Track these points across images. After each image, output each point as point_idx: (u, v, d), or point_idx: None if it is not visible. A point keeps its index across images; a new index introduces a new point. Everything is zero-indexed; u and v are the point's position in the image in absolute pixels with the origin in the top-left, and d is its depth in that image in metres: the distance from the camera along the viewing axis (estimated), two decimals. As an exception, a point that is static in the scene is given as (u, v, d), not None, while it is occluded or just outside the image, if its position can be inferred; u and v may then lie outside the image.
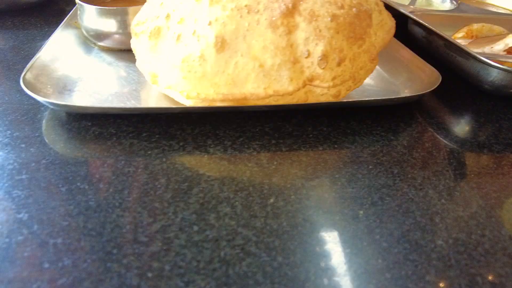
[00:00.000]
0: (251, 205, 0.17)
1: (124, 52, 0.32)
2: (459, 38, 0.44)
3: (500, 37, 0.39)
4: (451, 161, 0.22)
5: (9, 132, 0.22)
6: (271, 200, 0.18)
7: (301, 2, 0.21)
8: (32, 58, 0.26)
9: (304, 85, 0.22)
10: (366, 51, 0.23)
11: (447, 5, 0.48)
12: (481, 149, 0.23)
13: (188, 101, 0.22)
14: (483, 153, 0.23)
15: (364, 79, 0.24)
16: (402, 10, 0.40)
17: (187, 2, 0.22)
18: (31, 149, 0.20)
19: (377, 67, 0.30)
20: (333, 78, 0.22)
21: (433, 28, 0.34)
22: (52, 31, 0.32)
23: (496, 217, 0.18)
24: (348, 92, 0.24)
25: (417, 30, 0.39)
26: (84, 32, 0.33)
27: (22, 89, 0.22)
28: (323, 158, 0.21)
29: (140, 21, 0.23)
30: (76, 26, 0.34)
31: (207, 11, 0.21)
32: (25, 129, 0.22)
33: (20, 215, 0.16)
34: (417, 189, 0.19)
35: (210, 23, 0.21)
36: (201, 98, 0.22)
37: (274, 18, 0.21)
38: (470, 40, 0.44)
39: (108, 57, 0.31)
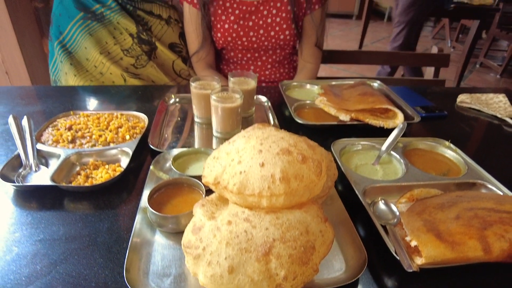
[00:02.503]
0: None
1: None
2: (403, 202, 0.62)
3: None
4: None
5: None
6: None
7: (272, 249, 0.40)
8: (124, 240, 0.46)
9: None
10: (311, 266, 0.41)
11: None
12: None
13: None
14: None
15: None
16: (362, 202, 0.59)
17: (213, 240, 0.42)
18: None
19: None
20: (294, 278, 0.40)
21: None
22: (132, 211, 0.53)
23: None
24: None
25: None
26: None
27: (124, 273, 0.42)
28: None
29: (188, 247, 0.43)
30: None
31: (224, 250, 0.41)
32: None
33: None
34: None
35: (225, 258, 0.40)
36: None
37: (258, 256, 0.40)
38: (411, 203, 0.62)
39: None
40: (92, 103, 0.96)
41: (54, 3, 1.19)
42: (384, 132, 0.80)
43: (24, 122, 0.70)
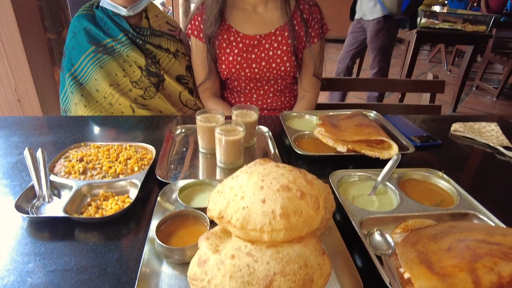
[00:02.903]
0: None
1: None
2: (398, 233, 0.65)
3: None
4: None
5: None
6: None
7: (273, 283, 0.43)
8: (133, 270, 0.49)
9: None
10: (310, 298, 0.44)
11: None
12: None
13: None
14: None
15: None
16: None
17: (218, 273, 0.45)
18: None
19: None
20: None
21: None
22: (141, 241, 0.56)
23: None
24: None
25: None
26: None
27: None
28: None
29: (194, 280, 0.46)
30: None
31: (228, 283, 0.44)
32: None
33: None
34: None
35: (230, 290, 0.43)
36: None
37: (261, 290, 0.43)
38: (406, 233, 0.65)
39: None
40: (101, 133, 1.00)
41: (68, 37, 1.26)
42: (380, 163, 0.84)
43: (39, 154, 0.74)
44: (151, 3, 1.32)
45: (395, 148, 0.84)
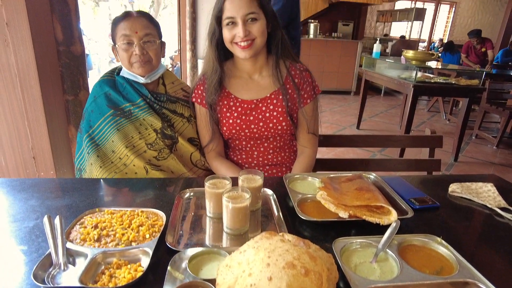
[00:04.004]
0: None
1: None
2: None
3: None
4: None
5: None
6: None
7: None
8: None
9: None
10: None
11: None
12: None
13: None
14: None
15: None
16: None
17: None
18: None
19: None
20: None
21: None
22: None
23: None
24: None
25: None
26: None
27: None
28: None
29: None
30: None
31: None
32: None
33: None
34: None
35: None
36: None
37: None
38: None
39: None
40: (114, 197, 1.05)
41: (88, 100, 1.36)
42: (381, 227, 0.87)
43: (56, 221, 0.78)
44: (167, 70, 1.44)
45: (394, 215, 0.87)
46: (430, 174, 1.78)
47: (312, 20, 7.63)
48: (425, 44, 9.68)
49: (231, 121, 1.35)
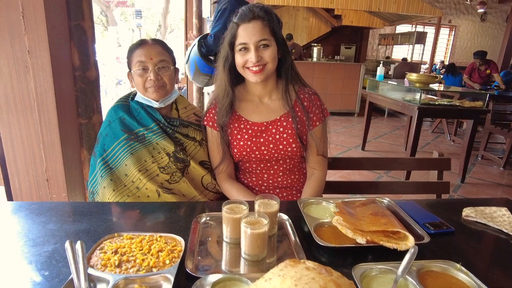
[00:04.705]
0: None
1: None
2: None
3: None
4: None
5: None
6: None
7: None
8: None
9: None
10: None
11: None
12: None
13: None
14: None
15: None
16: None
17: None
18: None
19: None
20: None
21: None
22: None
23: None
24: None
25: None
26: None
27: None
28: None
29: None
30: None
31: None
32: None
33: None
34: None
35: None
36: None
37: None
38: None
39: None
40: (131, 221, 1.06)
41: (103, 125, 1.40)
42: (397, 253, 0.87)
43: (78, 246, 0.79)
44: (180, 95, 1.48)
45: (411, 240, 0.88)
46: (439, 197, 1.77)
47: (315, 44, 7.82)
48: (427, 66, 9.84)
49: (241, 143, 1.37)
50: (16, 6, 1.44)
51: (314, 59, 7.38)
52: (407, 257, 0.80)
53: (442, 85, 5.30)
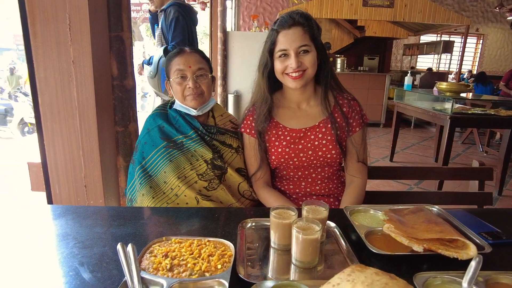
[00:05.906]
0: None
1: None
2: None
3: None
4: None
5: None
6: None
7: None
8: None
9: None
10: None
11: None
12: None
13: None
14: None
15: None
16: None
17: None
18: None
19: None
20: None
21: None
22: None
23: None
24: None
25: None
26: None
27: None
28: None
29: None
30: None
31: None
32: None
33: None
34: None
35: None
36: None
37: None
38: None
39: None
40: (175, 226, 1.06)
41: (141, 133, 1.42)
42: (454, 262, 0.82)
43: (129, 249, 0.79)
44: (216, 103, 1.49)
45: (473, 249, 0.82)
46: (481, 208, 1.68)
47: (339, 55, 7.79)
48: (453, 75, 9.59)
49: (280, 150, 1.36)
50: (64, 19, 1.51)
51: (338, 70, 7.33)
52: (472, 267, 0.75)
53: (471, 94, 5.12)
